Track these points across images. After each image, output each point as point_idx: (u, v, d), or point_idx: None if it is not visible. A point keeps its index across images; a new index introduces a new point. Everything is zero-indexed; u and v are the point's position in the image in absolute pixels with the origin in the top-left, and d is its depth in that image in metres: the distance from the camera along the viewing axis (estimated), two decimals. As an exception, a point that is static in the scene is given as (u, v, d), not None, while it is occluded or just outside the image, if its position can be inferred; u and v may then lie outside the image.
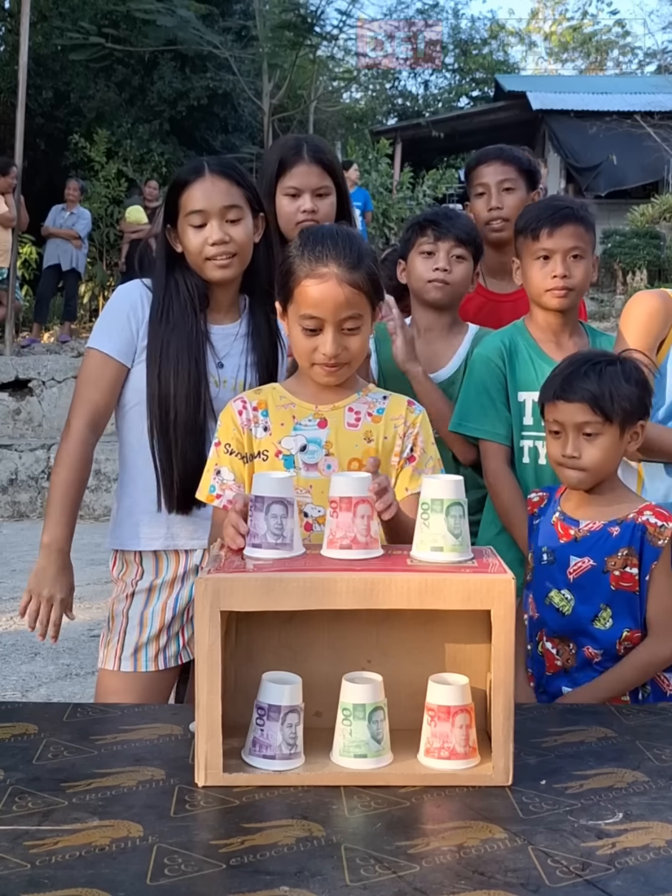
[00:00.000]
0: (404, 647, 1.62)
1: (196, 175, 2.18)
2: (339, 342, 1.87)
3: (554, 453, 2.03)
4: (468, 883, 1.20)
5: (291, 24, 12.86)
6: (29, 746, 1.61)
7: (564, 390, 1.97)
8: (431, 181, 17.23)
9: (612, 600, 1.96)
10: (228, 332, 2.29)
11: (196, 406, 2.18)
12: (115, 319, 2.24)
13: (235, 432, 1.95)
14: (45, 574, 2.16)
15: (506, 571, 1.50)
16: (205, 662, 1.46)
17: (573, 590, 1.98)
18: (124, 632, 2.23)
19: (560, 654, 2.00)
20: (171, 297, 2.22)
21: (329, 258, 1.85)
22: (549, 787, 1.47)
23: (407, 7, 23.62)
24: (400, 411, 1.98)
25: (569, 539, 2.00)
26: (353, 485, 1.59)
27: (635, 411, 1.98)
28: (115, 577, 2.31)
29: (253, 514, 1.58)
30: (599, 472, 1.99)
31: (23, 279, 11.91)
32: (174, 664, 2.27)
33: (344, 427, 1.94)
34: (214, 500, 1.94)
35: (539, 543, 2.05)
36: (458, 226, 2.59)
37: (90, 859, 1.25)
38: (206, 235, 2.17)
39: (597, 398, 1.94)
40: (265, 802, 1.42)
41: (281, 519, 1.56)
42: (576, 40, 32.02)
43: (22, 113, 8.80)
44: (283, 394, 1.99)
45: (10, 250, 9.20)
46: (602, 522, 1.99)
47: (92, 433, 2.21)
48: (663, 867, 1.24)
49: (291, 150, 2.67)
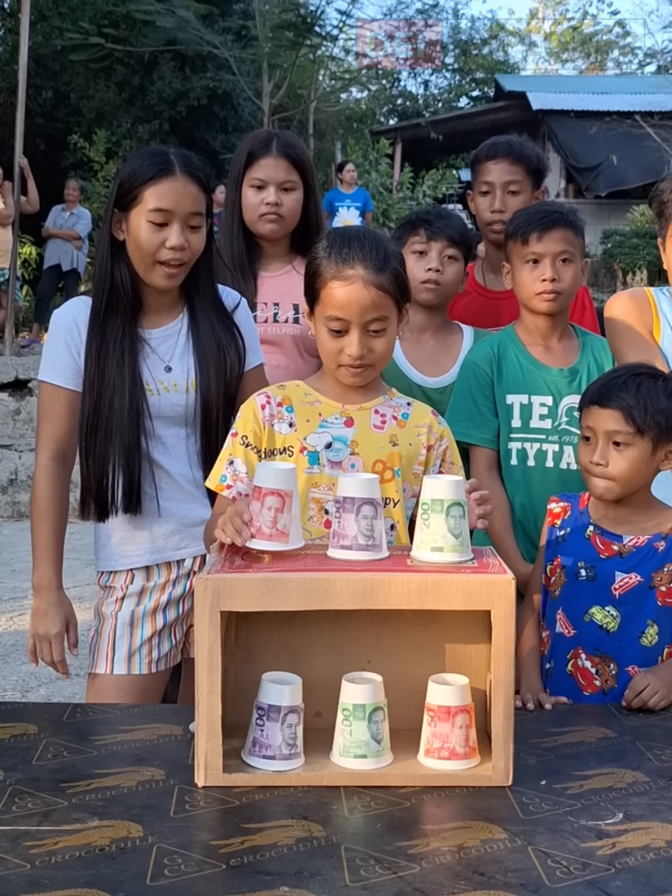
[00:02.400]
0: (404, 647, 1.62)
1: (166, 171, 2.07)
2: (364, 344, 1.87)
3: (583, 459, 2.00)
4: (468, 883, 1.20)
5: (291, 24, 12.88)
6: (29, 746, 1.61)
7: (601, 396, 1.96)
8: (431, 181, 17.24)
9: (659, 617, 1.93)
10: (170, 332, 2.22)
11: (132, 417, 2.13)
12: (55, 348, 2.18)
13: (255, 426, 1.94)
14: (38, 614, 2.15)
15: (506, 572, 1.50)
16: (205, 662, 1.46)
17: (619, 606, 1.94)
18: (114, 634, 2.20)
19: (599, 673, 1.95)
20: (110, 298, 2.14)
21: (355, 260, 1.85)
22: (549, 788, 1.47)
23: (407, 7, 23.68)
24: (425, 420, 2.00)
25: (612, 554, 1.96)
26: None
27: (671, 429, 1.95)
28: (101, 584, 2.27)
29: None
30: (626, 484, 1.95)
31: (23, 279, 11.91)
32: (164, 667, 2.24)
33: (370, 428, 1.95)
34: (224, 489, 1.93)
35: (573, 557, 2.00)
36: (450, 225, 2.58)
37: (90, 859, 1.25)
38: (164, 237, 2.07)
39: (631, 408, 1.92)
40: (265, 803, 1.42)
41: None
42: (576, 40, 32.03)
43: (22, 113, 8.80)
44: (308, 391, 1.99)
45: (11, 251, 9.19)
46: (646, 538, 1.96)
47: (60, 465, 2.19)
48: (663, 867, 1.24)
49: (261, 142, 2.67)
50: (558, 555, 2.02)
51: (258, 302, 2.67)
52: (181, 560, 2.23)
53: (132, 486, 2.15)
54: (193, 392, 2.19)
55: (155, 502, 2.18)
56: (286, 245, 2.74)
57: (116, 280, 2.13)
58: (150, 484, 2.17)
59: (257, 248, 2.73)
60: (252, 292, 2.64)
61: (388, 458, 1.94)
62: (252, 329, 2.32)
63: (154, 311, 2.21)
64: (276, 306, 2.69)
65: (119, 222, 2.13)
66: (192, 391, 2.19)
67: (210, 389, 2.18)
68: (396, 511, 1.94)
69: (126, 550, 2.22)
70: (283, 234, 2.71)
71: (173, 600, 2.23)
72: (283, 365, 2.61)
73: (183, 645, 2.26)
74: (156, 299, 2.20)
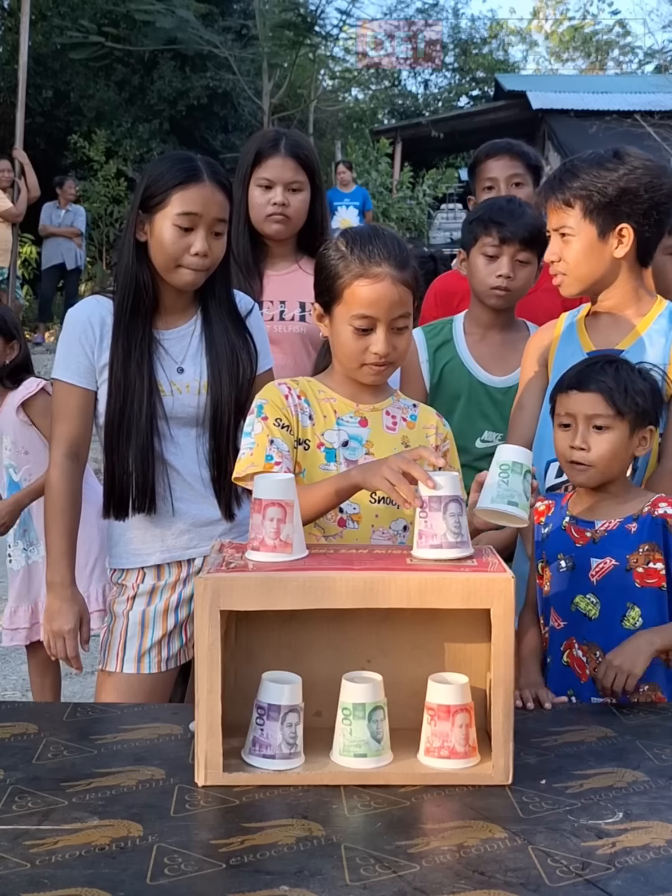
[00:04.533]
0: (404, 646, 1.62)
1: (196, 177, 2.10)
2: (390, 341, 1.88)
3: (562, 447, 2.00)
4: (468, 883, 1.20)
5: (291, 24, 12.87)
6: (29, 746, 1.61)
7: (580, 381, 1.98)
8: (431, 181, 17.22)
9: (640, 599, 1.93)
10: (183, 333, 2.24)
11: (148, 418, 2.14)
12: (69, 347, 2.19)
13: (286, 411, 1.94)
14: (52, 610, 2.17)
15: (505, 570, 1.50)
16: (205, 662, 1.46)
17: (598, 592, 1.95)
18: (126, 633, 2.22)
19: (589, 662, 1.96)
20: (135, 300, 2.15)
21: (382, 258, 1.86)
22: (549, 787, 1.47)
23: (407, 6, 23.67)
24: (431, 421, 2.02)
25: (585, 542, 1.98)
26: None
27: (647, 412, 1.97)
28: (113, 581, 2.30)
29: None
30: (606, 468, 1.96)
31: (23, 279, 11.90)
32: (174, 665, 2.26)
33: (383, 429, 1.96)
34: (273, 467, 1.87)
35: (554, 551, 2.02)
36: (524, 225, 2.46)
37: (90, 859, 1.25)
38: (189, 242, 2.09)
39: (612, 390, 1.94)
40: (265, 802, 1.42)
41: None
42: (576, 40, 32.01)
43: (22, 112, 8.79)
44: (321, 388, 1.99)
45: (11, 250, 9.19)
46: (618, 520, 1.97)
47: (73, 462, 2.19)
48: (663, 867, 1.24)
49: (269, 142, 2.67)
50: (544, 551, 2.04)
51: (264, 300, 2.68)
52: (191, 559, 2.24)
53: (146, 487, 2.17)
54: (205, 394, 2.20)
55: (168, 502, 2.20)
56: (292, 244, 2.75)
57: (140, 282, 2.15)
58: (163, 484, 2.19)
59: (263, 248, 2.73)
60: (258, 291, 2.65)
61: None
62: (263, 333, 2.35)
63: (169, 311, 2.23)
64: (282, 304, 2.70)
65: (142, 224, 2.14)
66: (205, 393, 2.21)
67: (222, 392, 2.20)
68: (411, 512, 1.93)
69: (138, 549, 2.24)
70: (290, 234, 2.71)
71: (184, 600, 2.24)
72: (289, 364, 2.62)
73: (192, 643, 2.27)
74: (172, 300, 2.21)
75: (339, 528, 1.89)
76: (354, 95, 23.08)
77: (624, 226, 2.12)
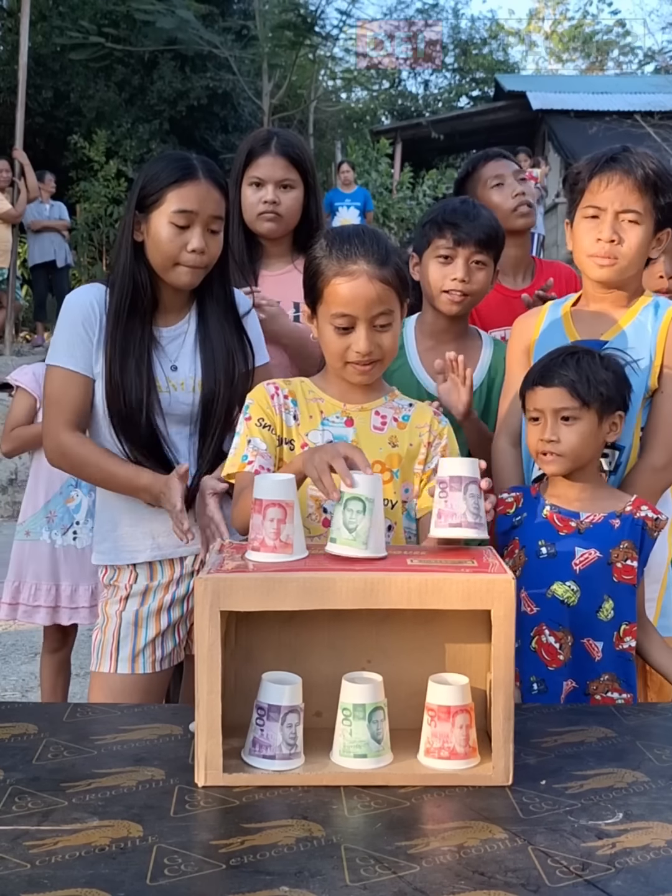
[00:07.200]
0: (404, 647, 1.62)
1: (190, 175, 2.10)
2: (371, 339, 1.88)
3: (532, 441, 2.06)
4: (468, 883, 1.20)
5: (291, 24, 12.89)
6: (29, 746, 1.61)
7: (543, 377, 2.03)
8: (431, 181, 17.22)
9: (615, 592, 1.99)
10: (178, 331, 2.24)
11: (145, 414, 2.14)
12: (71, 332, 2.17)
13: (269, 410, 1.95)
14: (155, 494, 2.13)
15: (506, 571, 1.50)
16: (205, 662, 1.46)
17: (579, 581, 1.99)
18: (119, 634, 2.21)
19: (562, 647, 2.00)
20: (133, 300, 2.15)
21: (358, 255, 1.86)
22: (549, 787, 1.47)
23: (407, 7, 23.68)
24: (425, 419, 2.01)
25: (570, 531, 2.02)
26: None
27: (613, 399, 2.03)
28: (105, 583, 2.28)
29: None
30: (577, 457, 2.02)
31: (23, 279, 11.90)
32: (168, 665, 2.25)
33: (370, 429, 1.96)
34: (246, 466, 1.90)
35: (533, 538, 2.05)
36: (479, 227, 2.39)
37: (90, 859, 1.25)
38: (186, 240, 2.10)
39: (574, 383, 1.99)
40: (265, 802, 1.42)
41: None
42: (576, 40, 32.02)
43: (22, 113, 8.81)
44: (312, 388, 2.00)
45: (11, 250, 9.19)
46: (602, 515, 2.03)
47: (81, 434, 2.19)
48: (663, 867, 1.24)
49: (261, 141, 2.67)
50: (515, 538, 2.07)
51: None
52: (183, 558, 2.23)
53: None
54: (200, 391, 2.21)
55: None
56: (288, 244, 2.74)
57: (138, 282, 2.16)
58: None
59: (259, 247, 2.73)
60: None
61: (387, 460, 1.94)
62: (259, 332, 2.35)
63: (166, 309, 2.23)
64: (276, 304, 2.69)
65: (139, 224, 2.15)
66: (199, 390, 2.21)
67: (214, 390, 2.20)
68: (394, 512, 1.94)
69: (127, 545, 2.23)
70: (283, 232, 2.70)
71: (177, 600, 2.24)
72: (284, 363, 2.61)
73: (186, 643, 2.27)
74: (170, 298, 2.22)
75: (323, 529, 1.88)
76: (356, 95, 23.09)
77: (670, 230, 2.18)
